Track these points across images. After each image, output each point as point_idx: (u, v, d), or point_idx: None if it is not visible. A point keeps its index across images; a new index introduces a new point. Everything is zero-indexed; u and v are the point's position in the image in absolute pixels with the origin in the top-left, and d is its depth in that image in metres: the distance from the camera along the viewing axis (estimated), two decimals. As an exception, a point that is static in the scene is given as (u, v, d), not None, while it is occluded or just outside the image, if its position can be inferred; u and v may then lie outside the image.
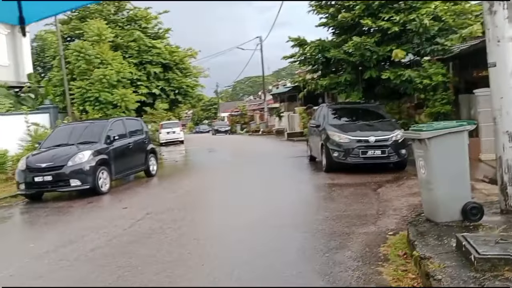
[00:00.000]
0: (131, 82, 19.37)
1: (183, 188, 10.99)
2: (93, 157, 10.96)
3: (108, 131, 11.90)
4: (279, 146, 23.35)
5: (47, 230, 8.03)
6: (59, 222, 8.43)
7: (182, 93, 21.42)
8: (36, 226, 8.58)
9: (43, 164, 10.62)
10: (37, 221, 8.88)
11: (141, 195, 10.55)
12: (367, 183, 10.09)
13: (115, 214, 8.63)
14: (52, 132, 12.54)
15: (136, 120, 14.11)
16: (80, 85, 17.10)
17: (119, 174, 12.03)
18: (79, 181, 10.60)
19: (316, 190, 9.76)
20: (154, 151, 14.28)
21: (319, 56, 14.79)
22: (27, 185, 10.67)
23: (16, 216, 9.60)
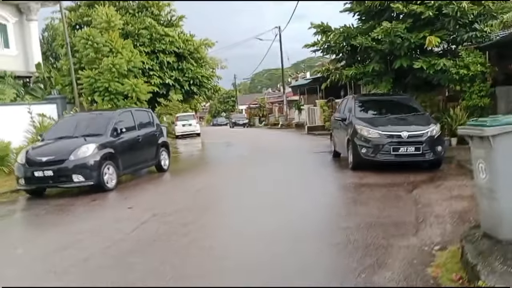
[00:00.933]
0: (143, 71, 18.50)
1: (196, 186, 10.04)
2: (98, 151, 10.07)
3: (115, 123, 10.99)
4: (299, 140, 22.29)
5: (41, 233, 7.16)
6: (57, 223, 7.56)
7: (197, 83, 20.44)
8: (31, 227, 7.74)
9: (44, 158, 9.77)
10: (33, 220, 8.05)
11: (149, 193, 9.63)
12: (400, 183, 9.00)
13: (119, 214, 7.72)
14: (56, 124, 11.72)
15: (146, 112, 13.19)
16: (89, 74, 16.27)
17: (126, 170, 11.13)
18: (82, 177, 9.73)
19: (343, 191, 8.71)
20: (166, 145, 13.36)
21: (344, 44, 13.62)
22: (27, 180, 9.85)
23: (12, 214, 8.78)
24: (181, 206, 8.04)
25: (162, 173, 12.73)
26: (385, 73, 13.23)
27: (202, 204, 8.18)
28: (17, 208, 9.26)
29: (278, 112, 46.30)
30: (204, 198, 8.78)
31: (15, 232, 7.48)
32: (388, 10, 12.87)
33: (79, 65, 17.32)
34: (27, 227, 7.81)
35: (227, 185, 10.31)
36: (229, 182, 10.67)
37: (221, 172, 12.52)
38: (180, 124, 32.84)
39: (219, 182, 10.76)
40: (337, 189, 8.99)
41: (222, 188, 9.89)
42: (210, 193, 9.28)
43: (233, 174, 11.89)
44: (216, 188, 9.90)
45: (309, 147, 17.41)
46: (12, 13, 21.06)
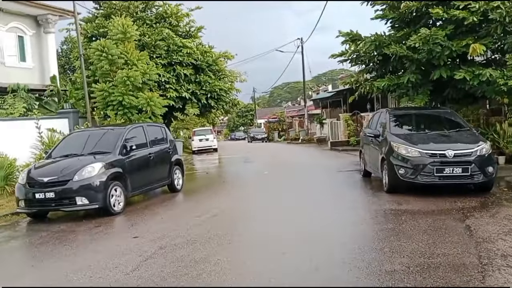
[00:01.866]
0: (159, 84, 17.62)
1: (211, 210, 8.94)
2: (104, 171, 9.10)
3: (125, 140, 10.04)
4: (322, 157, 21.07)
5: (26, 272, 6.08)
6: (49, 256, 6.53)
7: (214, 97, 19.42)
8: (18, 262, 6.73)
9: (46, 178, 8.83)
10: (24, 252, 7.05)
11: (159, 218, 8.56)
12: (447, 210, 7.79)
13: (122, 246, 6.66)
14: (62, 140, 10.79)
15: (159, 127, 12.21)
16: (102, 87, 15.42)
17: (136, 191, 10.13)
18: (86, 199, 8.76)
19: (379, 219, 7.49)
20: (180, 163, 12.34)
21: (375, 53, 12.48)
22: (27, 202, 8.92)
23: (4, 242, 7.77)
24: (194, 236, 6.96)
25: (175, 193, 11.70)
26: (422, 85, 12.00)
27: (217, 233, 7.07)
28: (12, 235, 8.29)
29: (298, 126, 45.13)
30: (220, 226, 7.67)
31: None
32: (425, 16, 11.72)
33: (93, 78, 16.52)
34: (14, 261, 6.79)
35: (246, 209, 9.19)
36: (248, 206, 9.55)
37: (239, 193, 11.41)
38: (197, 139, 32.00)
39: (237, 205, 9.65)
40: (373, 216, 7.78)
41: (240, 214, 8.77)
42: (227, 220, 8.17)
43: (252, 196, 10.77)
44: (233, 214, 8.78)
45: (334, 165, 16.20)
46: (29, 26, 20.53)
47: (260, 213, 8.61)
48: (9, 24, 19.37)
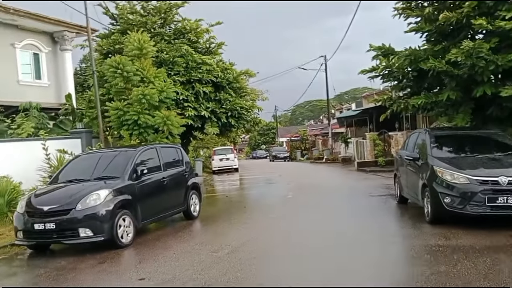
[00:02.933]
0: (177, 103, 16.79)
1: (230, 244, 7.92)
2: (111, 198, 8.21)
3: (135, 163, 9.15)
4: (350, 179, 19.87)
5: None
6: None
7: (235, 116, 18.48)
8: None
9: (46, 206, 7.96)
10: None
11: (172, 254, 7.57)
12: (505, 247, 6.66)
13: None
14: (68, 163, 9.97)
15: (174, 148, 11.33)
16: (117, 106, 14.67)
17: (147, 219, 9.20)
18: (90, 231, 7.85)
19: (427, 259, 6.34)
20: (197, 187, 11.39)
21: (409, 68, 11.46)
22: (26, 233, 8.06)
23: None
24: (209, 279, 5.95)
25: (191, 221, 10.74)
26: (462, 103, 10.85)
27: (237, 276, 6.05)
28: (6, 271, 7.41)
29: (322, 145, 43.89)
30: (240, 265, 6.64)
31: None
32: (466, 28, 10.64)
33: (108, 96, 15.83)
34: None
35: (268, 244, 8.12)
36: (270, 239, 8.48)
37: (260, 222, 10.35)
38: (217, 159, 31.13)
39: (258, 238, 8.59)
40: (419, 254, 6.63)
41: (262, 250, 7.70)
42: (248, 257, 7.12)
43: (275, 227, 9.69)
44: (255, 249, 7.72)
45: (364, 188, 15.03)
46: (45, 43, 20.15)
47: (283, 250, 7.54)
48: (24, 41, 18.99)
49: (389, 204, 11.44)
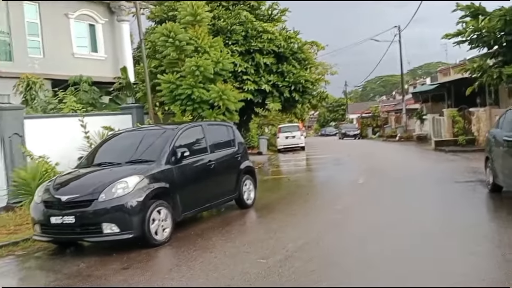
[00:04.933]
0: (235, 75, 15.20)
1: (285, 247, 6.25)
2: (142, 187, 6.78)
3: (174, 145, 7.67)
4: (428, 160, 17.41)
5: None
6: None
7: (299, 90, 16.53)
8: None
9: (65, 196, 6.67)
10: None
11: (211, 258, 6.03)
12: None
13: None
14: (102, 143, 8.70)
15: (224, 126, 9.75)
16: (169, 79, 13.34)
17: (189, 211, 7.74)
18: (116, 227, 6.48)
19: None
20: (251, 171, 9.79)
21: (504, 32, 9.20)
22: (43, 227, 6.84)
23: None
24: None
25: (244, 211, 9.19)
26: None
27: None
28: (12, 273, 6.23)
29: (395, 122, 40.79)
30: (293, 279, 4.95)
31: None
32: None
33: (160, 68, 14.56)
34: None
35: (333, 247, 6.31)
36: (336, 240, 6.67)
37: (325, 214, 8.54)
38: (283, 136, 29.43)
39: (320, 237, 6.78)
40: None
41: (325, 255, 5.91)
42: (304, 266, 5.39)
43: (343, 221, 7.85)
44: (315, 253, 5.94)
45: (446, 172, 12.76)
46: (101, 13, 19.26)
47: (352, 258, 5.71)
48: (79, 11, 18.09)
49: (479, 193, 9.27)
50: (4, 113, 10.48)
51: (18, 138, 10.56)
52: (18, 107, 11.35)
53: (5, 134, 10.41)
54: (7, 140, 10.41)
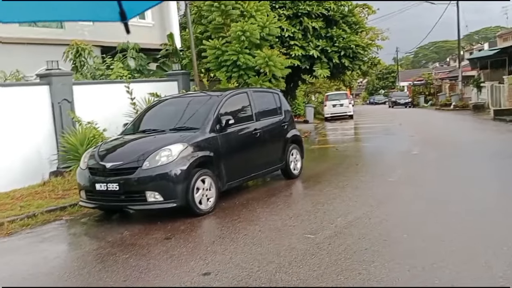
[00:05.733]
0: (282, 41, 14.69)
1: (334, 221, 5.93)
2: (186, 155, 6.60)
3: (219, 112, 7.40)
4: (487, 131, 16.37)
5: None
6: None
7: (349, 55, 15.78)
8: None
9: (109, 163, 6.60)
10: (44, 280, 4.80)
11: (256, 231, 5.79)
12: None
13: None
14: (146, 110, 8.56)
15: (271, 93, 9.37)
16: (215, 44, 13.03)
17: (234, 181, 7.51)
18: (160, 195, 6.36)
19: None
20: (298, 140, 9.45)
21: None
22: (88, 194, 6.82)
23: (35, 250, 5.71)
24: (295, 281, 4.08)
25: (290, 181, 8.91)
26: None
27: (336, 280, 4.08)
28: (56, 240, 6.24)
29: (449, 90, 38.86)
30: (344, 258, 4.63)
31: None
32: None
33: (206, 34, 14.26)
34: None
35: (386, 223, 5.88)
36: (390, 215, 6.23)
37: (377, 186, 8.08)
38: (330, 105, 28.61)
39: (373, 212, 6.35)
40: None
41: (378, 232, 5.48)
42: (356, 243, 5.05)
43: (397, 195, 7.40)
44: (367, 230, 5.54)
45: (507, 143, 11.87)
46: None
47: (409, 237, 5.30)
48: (124, -25, 17.94)
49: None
50: (54, 79, 10.53)
51: (67, 104, 10.64)
52: (67, 73, 11.39)
53: (54, 100, 10.49)
54: (56, 105, 10.49)
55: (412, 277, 4.09)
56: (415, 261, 4.44)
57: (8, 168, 9.33)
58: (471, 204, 6.49)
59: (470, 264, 4.31)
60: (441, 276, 4.07)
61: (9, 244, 6.08)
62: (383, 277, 4.15)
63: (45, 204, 7.56)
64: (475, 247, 4.73)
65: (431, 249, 4.77)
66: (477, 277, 4.02)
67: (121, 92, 11.00)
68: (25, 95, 10.07)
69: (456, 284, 3.91)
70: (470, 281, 3.96)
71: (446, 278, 4.01)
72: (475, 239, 4.99)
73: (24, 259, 5.44)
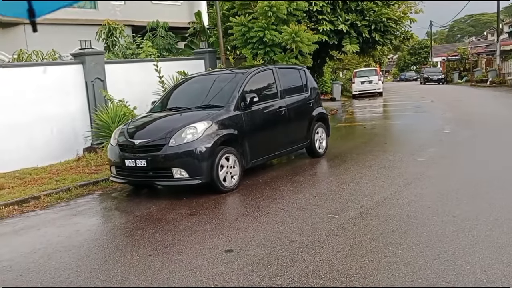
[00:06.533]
0: (310, 15, 14.39)
1: (360, 202, 5.92)
2: (211, 132, 6.66)
3: (244, 90, 7.40)
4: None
5: None
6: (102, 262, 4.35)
7: (380, 29, 15.30)
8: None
9: (138, 140, 6.73)
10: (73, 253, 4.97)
11: (278, 209, 5.83)
12: None
13: (199, 269, 4.17)
14: (172, 88, 8.62)
15: (296, 70, 9.25)
16: (241, 21, 12.90)
17: (258, 159, 7.55)
18: (185, 172, 6.46)
19: None
20: (324, 118, 9.35)
21: None
22: (118, 170, 7.00)
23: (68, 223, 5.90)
24: (318, 262, 4.10)
25: (314, 160, 8.89)
26: None
27: (361, 263, 4.08)
28: (88, 213, 6.44)
29: (485, 66, 37.53)
30: (369, 239, 4.62)
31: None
32: None
33: (233, 11, 14.12)
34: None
35: (415, 205, 5.79)
36: (419, 197, 6.13)
37: (405, 166, 7.95)
38: (358, 81, 28.05)
39: (401, 193, 6.27)
40: None
41: (406, 214, 5.42)
42: (383, 225, 5.02)
43: (427, 176, 7.25)
44: (394, 212, 5.51)
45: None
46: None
47: (439, 219, 5.21)
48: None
49: None
50: (87, 58, 10.73)
51: (99, 82, 10.85)
52: (99, 52, 11.57)
53: (88, 78, 10.71)
54: (89, 84, 10.73)
55: (442, 262, 4.01)
56: (444, 245, 4.34)
57: (46, 143, 9.68)
58: (505, 185, 6.32)
59: (505, 250, 4.21)
60: (472, 261, 3.97)
61: (44, 216, 6.33)
62: (410, 260, 4.08)
63: (79, 179, 7.83)
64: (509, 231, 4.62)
65: (461, 233, 4.65)
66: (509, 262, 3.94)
67: (150, 71, 11.13)
68: (60, 74, 10.33)
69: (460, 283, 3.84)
70: (474, 280, 3.88)
71: (478, 264, 3.91)
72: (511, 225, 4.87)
73: (58, 231, 5.66)
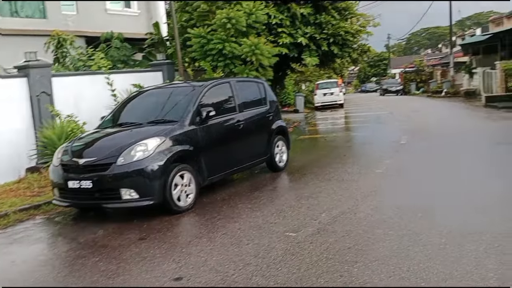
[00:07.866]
0: (269, 28, 14.30)
1: (317, 218, 5.69)
2: (163, 149, 6.28)
3: (199, 103, 7.08)
4: (479, 119, 16.16)
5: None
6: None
7: (338, 42, 15.43)
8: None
9: (82, 159, 6.27)
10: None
11: (235, 229, 5.51)
12: None
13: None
14: (124, 102, 8.20)
15: (255, 83, 9.04)
16: (200, 32, 12.65)
17: (215, 175, 7.22)
18: (135, 192, 6.04)
19: None
20: (284, 131, 9.15)
21: None
22: (61, 191, 6.50)
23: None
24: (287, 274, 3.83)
25: (275, 174, 8.65)
26: None
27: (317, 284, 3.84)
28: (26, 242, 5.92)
29: (441, 77, 38.67)
30: (325, 259, 4.37)
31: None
32: None
33: (191, 22, 13.86)
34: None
35: (372, 220, 5.59)
36: (375, 211, 5.96)
37: (364, 178, 7.81)
38: (320, 93, 28.30)
39: (358, 207, 6.06)
40: None
41: (363, 230, 5.22)
42: (339, 242, 4.79)
43: (384, 188, 7.15)
44: (351, 227, 5.27)
45: (499, 131, 11.70)
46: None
47: (397, 233, 5.04)
48: (112, -34, 17.56)
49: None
50: (32, 71, 10.11)
51: (46, 96, 10.24)
52: (46, 64, 10.96)
53: (33, 92, 10.10)
54: (35, 99, 10.11)
55: (397, 280, 3.84)
56: (399, 260, 4.21)
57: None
58: (458, 196, 6.26)
59: (459, 264, 4.06)
60: (428, 278, 3.82)
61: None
62: (366, 279, 3.90)
63: (19, 203, 7.24)
64: (465, 245, 4.49)
65: (416, 247, 4.51)
66: (466, 272, 3.78)
67: (103, 84, 10.64)
68: (2, 88, 9.68)
69: (445, 285, 3.67)
70: (465, 282, 3.71)
71: (434, 280, 3.76)
72: (464, 237, 4.74)
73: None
